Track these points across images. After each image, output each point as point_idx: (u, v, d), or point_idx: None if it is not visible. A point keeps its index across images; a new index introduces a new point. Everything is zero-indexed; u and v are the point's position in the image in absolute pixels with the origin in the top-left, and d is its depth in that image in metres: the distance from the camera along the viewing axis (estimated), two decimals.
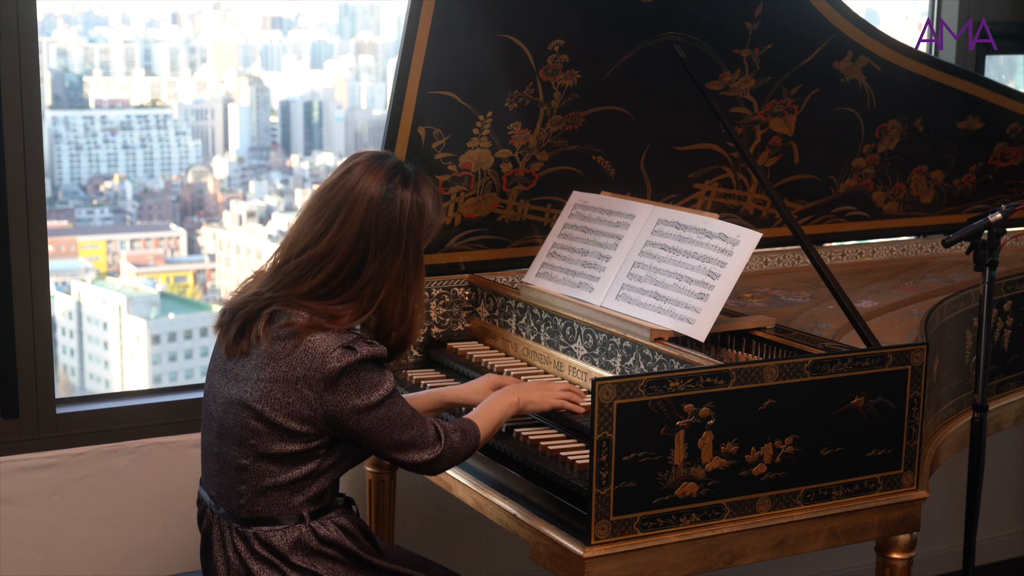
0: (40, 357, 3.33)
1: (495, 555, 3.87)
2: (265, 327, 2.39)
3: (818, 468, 2.61)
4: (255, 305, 2.43)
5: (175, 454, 3.48)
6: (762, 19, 3.41)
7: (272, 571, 2.43)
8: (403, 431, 2.42)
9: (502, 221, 3.42)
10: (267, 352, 2.38)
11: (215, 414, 2.48)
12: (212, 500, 2.52)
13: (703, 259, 2.88)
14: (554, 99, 3.29)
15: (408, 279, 2.44)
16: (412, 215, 2.43)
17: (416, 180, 2.46)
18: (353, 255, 2.40)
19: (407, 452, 2.43)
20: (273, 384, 2.37)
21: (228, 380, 2.45)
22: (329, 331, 2.37)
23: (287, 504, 2.43)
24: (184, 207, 5.79)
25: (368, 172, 2.44)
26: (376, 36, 5.63)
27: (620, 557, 2.42)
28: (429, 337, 3.34)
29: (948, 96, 3.83)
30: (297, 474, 2.42)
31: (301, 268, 2.41)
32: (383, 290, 2.42)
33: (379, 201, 2.41)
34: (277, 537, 2.43)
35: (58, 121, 5.52)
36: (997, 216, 2.72)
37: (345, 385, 2.35)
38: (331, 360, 2.34)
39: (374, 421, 2.38)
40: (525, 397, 2.70)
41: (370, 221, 2.40)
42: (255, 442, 2.40)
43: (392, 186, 2.43)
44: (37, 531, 3.37)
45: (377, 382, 2.38)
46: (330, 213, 2.42)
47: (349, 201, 2.41)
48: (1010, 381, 3.40)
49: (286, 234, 2.49)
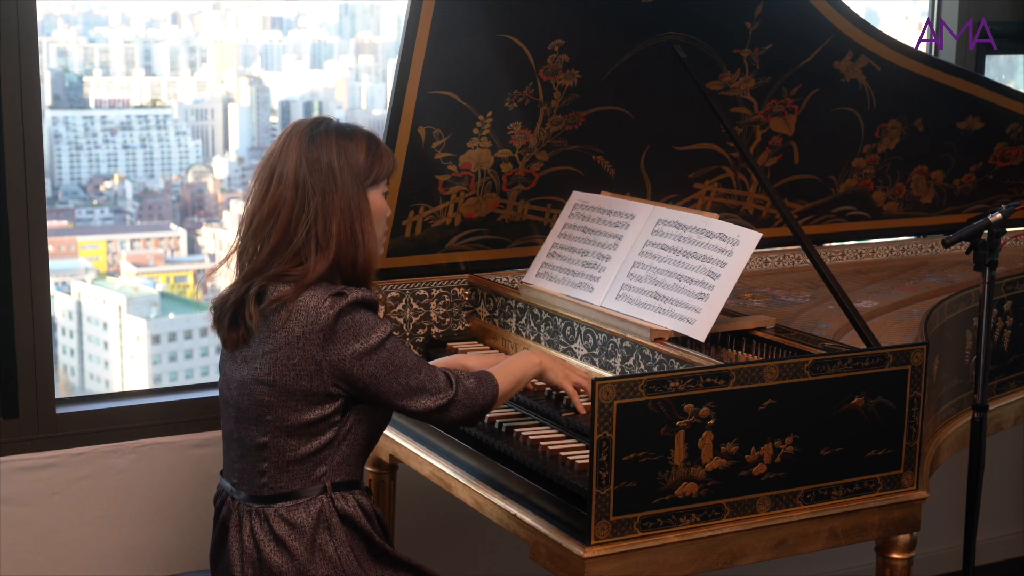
0: (40, 357, 3.33)
1: (495, 555, 3.87)
2: (255, 306, 2.45)
3: (818, 468, 2.61)
4: (238, 293, 2.49)
5: (175, 454, 3.48)
6: (762, 19, 3.40)
7: (283, 552, 2.45)
8: (410, 375, 2.45)
9: (502, 221, 3.42)
10: (265, 327, 2.44)
11: (231, 400, 2.53)
12: (233, 487, 2.55)
13: (703, 259, 2.88)
14: (554, 99, 3.29)
15: (352, 209, 2.48)
16: (341, 155, 2.49)
17: (342, 128, 2.52)
18: (297, 202, 2.46)
19: (417, 398, 2.46)
20: (277, 352, 2.42)
21: (237, 364, 2.51)
22: (317, 287, 2.43)
23: (310, 476, 2.47)
24: (184, 207, 5.78)
25: (292, 133, 2.51)
26: (376, 36, 5.63)
27: (620, 557, 2.42)
28: (429, 337, 3.34)
29: (948, 96, 3.83)
30: (316, 444, 2.46)
31: (259, 236, 2.48)
32: (333, 224, 2.46)
33: (307, 147, 2.48)
34: (300, 511, 2.46)
35: (58, 121, 5.51)
36: (997, 216, 2.72)
37: (342, 332, 2.40)
38: (324, 310, 2.40)
39: (377, 365, 2.42)
40: (548, 363, 2.73)
41: (303, 168, 2.46)
42: (271, 418, 2.45)
43: (316, 134, 2.50)
44: (37, 531, 3.37)
45: (373, 324, 2.43)
46: (266, 176, 2.50)
47: (281, 160, 2.49)
48: (1010, 381, 3.40)
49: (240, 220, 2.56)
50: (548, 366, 2.73)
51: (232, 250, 2.54)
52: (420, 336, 3.34)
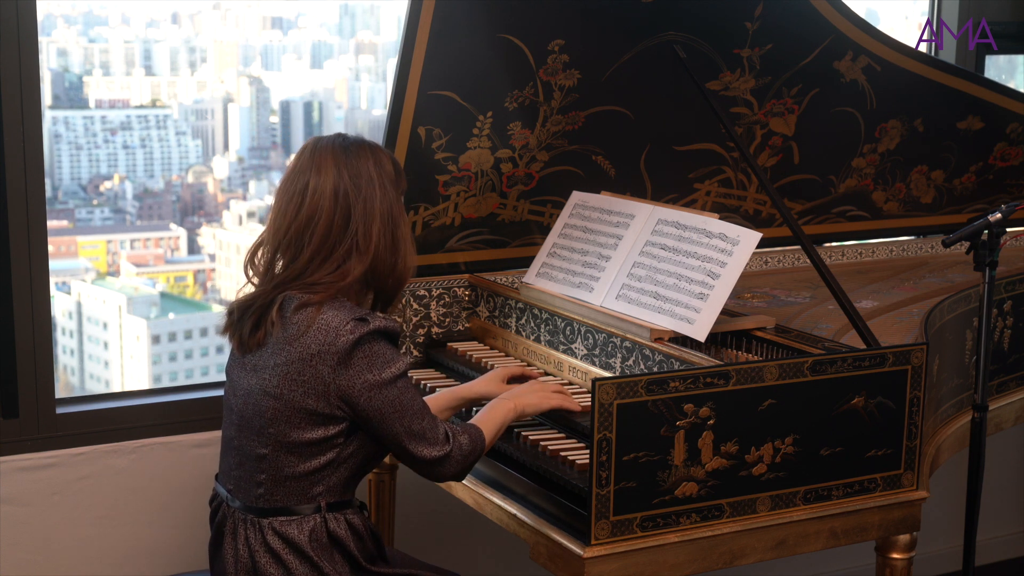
0: (40, 357, 3.33)
1: (495, 555, 3.87)
2: (278, 313, 2.43)
3: (818, 468, 2.61)
4: (265, 298, 2.47)
5: (175, 454, 3.48)
6: (762, 19, 3.40)
7: (278, 566, 2.44)
8: (414, 419, 2.43)
9: (502, 221, 3.42)
10: (282, 337, 2.42)
11: (235, 407, 2.52)
12: (228, 494, 2.54)
13: (703, 259, 2.88)
14: (554, 99, 3.29)
15: (393, 216, 2.49)
16: (378, 165, 2.49)
17: (367, 144, 2.53)
18: (337, 211, 2.44)
19: (417, 444, 2.44)
20: (289, 366, 2.40)
21: (247, 372, 2.49)
22: (341, 308, 2.41)
23: (306, 494, 2.46)
24: (184, 207, 5.79)
25: (321, 146, 2.50)
26: (376, 36, 5.63)
27: (620, 557, 2.42)
28: (429, 337, 3.34)
29: (948, 96, 3.83)
30: (316, 464, 2.44)
31: (294, 244, 2.46)
32: (374, 229, 2.45)
33: (344, 159, 2.47)
34: (293, 528, 2.45)
35: (58, 121, 5.52)
36: (997, 216, 2.72)
37: (358, 359, 2.38)
38: (344, 333, 2.37)
39: (386, 402, 2.40)
40: (522, 402, 2.72)
41: (343, 178, 2.46)
42: (274, 430, 2.43)
43: (348, 144, 2.50)
44: (37, 531, 3.37)
45: (390, 359, 2.41)
46: (299, 190, 2.47)
47: (314, 168, 2.47)
48: (1010, 381, 3.40)
49: (265, 230, 2.54)
50: (523, 405, 2.72)
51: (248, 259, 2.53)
52: (420, 336, 3.34)
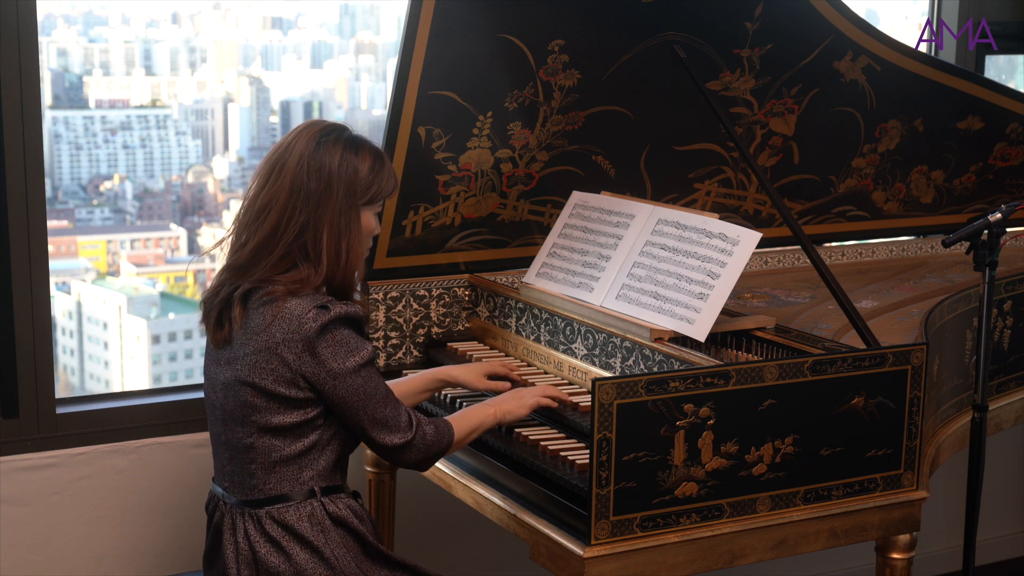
0: (40, 357, 3.33)
1: (495, 555, 3.87)
2: (240, 307, 2.45)
3: (818, 468, 2.61)
4: (227, 290, 2.49)
5: (175, 454, 3.48)
6: (762, 19, 3.40)
7: (279, 553, 2.46)
8: (378, 407, 2.46)
9: (502, 221, 3.42)
10: (248, 328, 2.44)
11: (216, 402, 2.54)
12: (225, 491, 2.55)
13: (703, 259, 2.88)
14: (554, 99, 3.29)
15: (341, 225, 2.47)
16: (343, 167, 2.48)
17: (351, 140, 2.51)
18: (289, 205, 2.45)
19: (380, 431, 2.47)
20: (257, 355, 2.43)
21: (221, 366, 2.51)
22: (304, 296, 2.43)
23: (297, 479, 2.48)
24: (184, 207, 5.79)
25: (304, 132, 2.51)
26: (376, 36, 5.63)
27: (620, 557, 2.42)
28: (429, 337, 3.34)
29: (948, 96, 3.83)
30: (301, 447, 2.46)
31: (248, 227, 2.48)
32: (323, 237, 2.46)
33: (310, 153, 2.47)
34: (291, 513, 2.47)
35: (58, 121, 5.52)
36: (997, 216, 2.72)
37: (323, 348, 2.40)
38: (307, 321, 2.40)
39: (350, 390, 2.42)
40: (502, 409, 2.74)
41: (302, 171, 2.46)
42: (256, 418, 2.45)
43: (324, 140, 2.49)
44: (37, 531, 3.37)
45: (355, 346, 2.43)
46: (267, 170, 2.49)
47: (284, 157, 2.48)
48: (1010, 381, 3.40)
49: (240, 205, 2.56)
50: (503, 412, 2.73)
51: (229, 233, 2.55)
52: (420, 336, 3.34)
